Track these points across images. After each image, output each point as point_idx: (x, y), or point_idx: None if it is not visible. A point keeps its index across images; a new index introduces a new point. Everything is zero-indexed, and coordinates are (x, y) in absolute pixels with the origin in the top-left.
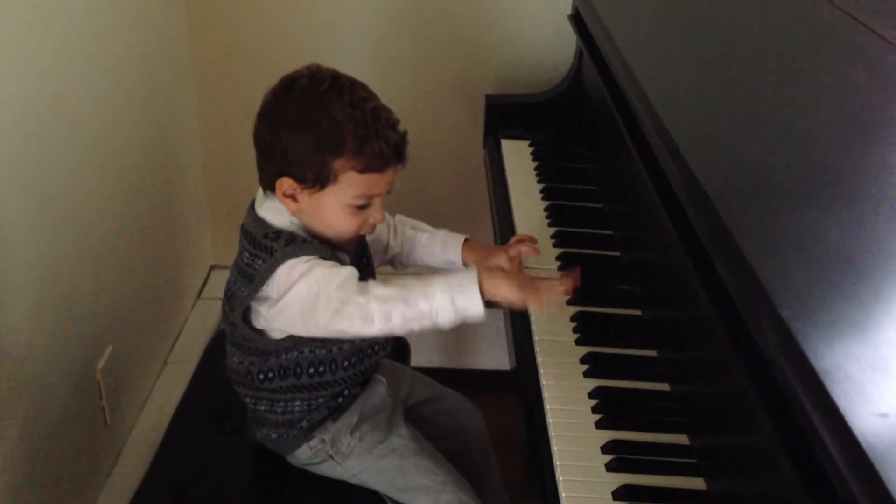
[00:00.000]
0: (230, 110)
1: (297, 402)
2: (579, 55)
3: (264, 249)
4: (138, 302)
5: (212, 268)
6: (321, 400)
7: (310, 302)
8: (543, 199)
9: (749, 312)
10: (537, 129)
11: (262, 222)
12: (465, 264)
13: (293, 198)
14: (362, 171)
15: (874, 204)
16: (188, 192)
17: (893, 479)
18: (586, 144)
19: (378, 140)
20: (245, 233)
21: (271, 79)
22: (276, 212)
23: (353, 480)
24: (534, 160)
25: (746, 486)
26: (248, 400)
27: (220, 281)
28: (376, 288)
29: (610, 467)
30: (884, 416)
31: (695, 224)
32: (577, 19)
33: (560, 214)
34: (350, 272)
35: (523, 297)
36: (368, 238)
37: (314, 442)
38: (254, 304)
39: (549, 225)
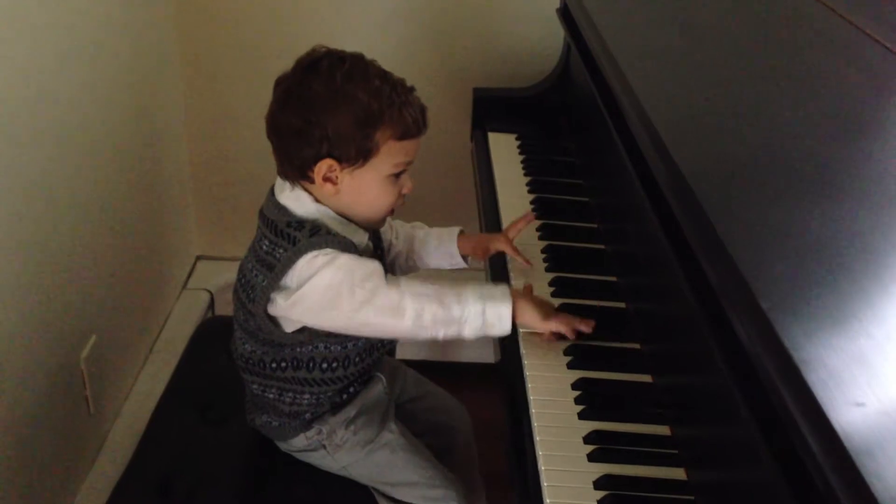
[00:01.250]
0: (216, 100)
1: (307, 395)
2: (567, 49)
3: (287, 238)
4: (123, 291)
5: (197, 258)
6: (329, 394)
7: (332, 291)
8: (530, 192)
9: (730, 304)
10: (524, 122)
11: (285, 210)
12: (464, 256)
13: (332, 181)
14: (401, 138)
15: (855, 197)
16: (174, 181)
17: (870, 469)
18: (573, 138)
19: (409, 106)
20: (265, 220)
21: (257, 70)
22: (297, 199)
23: (341, 472)
24: (521, 153)
25: (726, 476)
26: (255, 387)
27: (205, 271)
28: (409, 284)
29: (592, 457)
30: (861, 406)
31: (678, 217)
32: (564, 13)
33: (546, 207)
34: (378, 265)
35: (548, 327)
36: None
37: (311, 432)
38: (274, 295)
39: (536, 218)
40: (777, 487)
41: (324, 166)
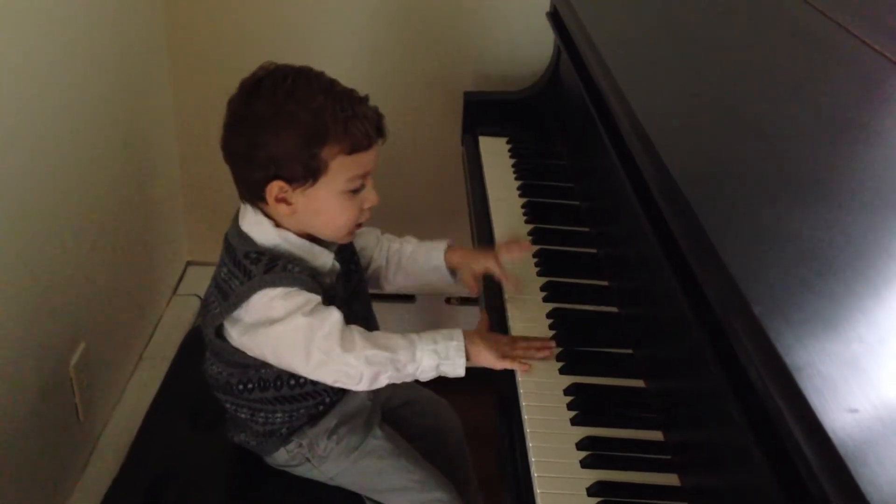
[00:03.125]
0: (207, 105)
1: (279, 414)
2: (557, 53)
3: (242, 270)
4: (113, 298)
5: (188, 264)
6: (302, 410)
7: (286, 349)
8: (521, 195)
9: (722, 309)
10: (515, 126)
11: (246, 238)
12: (452, 270)
13: (285, 201)
14: (350, 152)
15: (847, 201)
16: (164, 187)
17: (864, 475)
18: (564, 142)
19: (358, 119)
20: (227, 246)
21: (249, 72)
22: (258, 225)
23: (331, 482)
24: (511, 157)
25: (719, 482)
26: (228, 405)
27: (195, 277)
28: (364, 348)
29: (585, 464)
30: (854, 412)
31: (669, 221)
32: (554, 17)
33: (537, 211)
34: (335, 321)
35: (503, 365)
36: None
37: (291, 446)
38: (226, 324)
39: (527, 222)
40: (770, 493)
41: (274, 188)
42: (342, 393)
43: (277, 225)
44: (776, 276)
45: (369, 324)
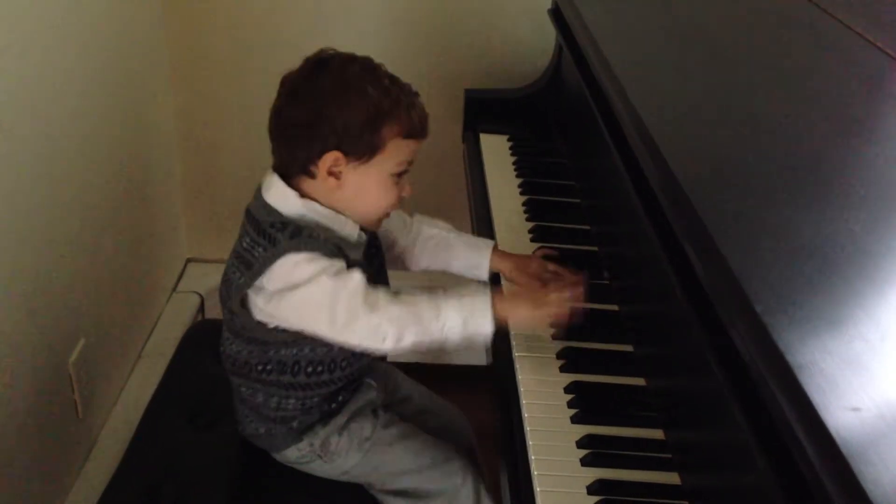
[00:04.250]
0: (206, 103)
1: (292, 400)
2: (558, 50)
3: (267, 238)
4: (112, 294)
5: (187, 261)
6: (315, 400)
7: (311, 310)
8: (521, 193)
9: (723, 307)
10: (516, 123)
11: (271, 209)
12: (494, 272)
13: (336, 175)
14: (407, 136)
15: (849, 199)
16: (164, 184)
17: (866, 474)
18: (565, 139)
19: (415, 107)
20: (250, 217)
21: (248, 72)
22: (283, 197)
23: (343, 478)
24: (512, 155)
25: (720, 480)
26: (243, 389)
27: (195, 274)
28: (388, 306)
29: (585, 462)
30: (856, 410)
31: (671, 219)
32: (556, 14)
33: (538, 209)
34: (358, 281)
35: (542, 315)
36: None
37: (303, 444)
38: (250, 294)
39: (528, 220)
40: (772, 492)
41: (329, 158)
42: (354, 387)
43: (303, 195)
44: (778, 274)
45: None
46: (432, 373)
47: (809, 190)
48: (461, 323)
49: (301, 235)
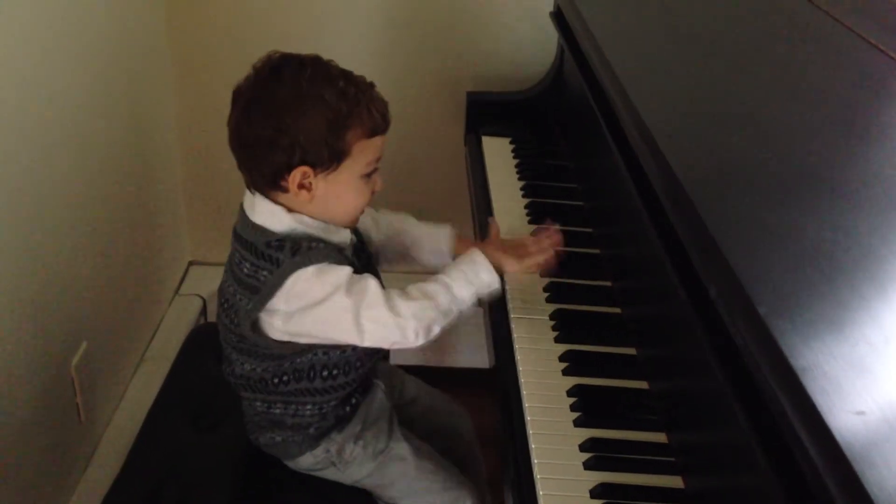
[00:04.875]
0: (208, 104)
1: (309, 406)
2: (560, 52)
3: (268, 260)
4: (115, 297)
5: (190, 263)
6: (332, 404)
7: (337, 325)
8: (524, 196)
9: (727, 310)
10: (518, 126)
11: (261, 229)
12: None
13: (307, 188)
14: (370, 135)
15: (852, 201)
16: (166, 186)
17: (870, 478)
18: (567, 142)
19: (375, 102)
20: (241, 241)
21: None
22: (271, 214)
23: (356, 485)
24: (515, 157)
25: (723, 484)
26: (258, 404)
27: (198, 277)
28: (408, 304)
29: (588, 465)
30: (861, 413)
31: (673, 221)
32: (558, 16)
33: (540, 212)
34: (374, 289)
35: (526, 265)
36: None
37: (318, 451)
38: (262, 317)
39: (530, 222)
40: (775, 496)
41: (298, 174)
42: (364, 387)
43: (290, 210)
44: (781, 277)
45: None
46: (434, 375)
47: (813, 192)
48: (473, 293)
49: (302, 249)
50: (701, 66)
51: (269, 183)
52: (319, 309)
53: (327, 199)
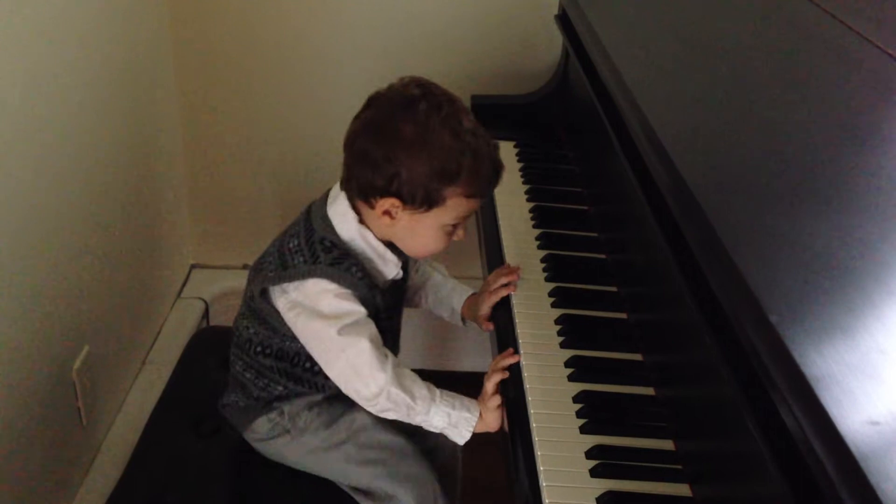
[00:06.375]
0: (213, 108)
1: (280, 387)
2: (565, 56)
3: (311, 251)
4: (117, 301)
5: (192, 267)
6: (304, 390)
7: (316, 344)
8: (528, 200)
9: (737, 317)
10: (523, 129)
11: (328, 223)
12: (464, 319)
13: (390, 215)
14: (470, 196)
15: (862, 206)
16: (169, 189)
17: (886, 490)
18: (572, 146)
19: (487, 164)
20: (307, 221)
21: (254, 77)
22: (343, 216)
23: (305, 462)
24: (519, 161)
25: (732, 493)
26: (238, 363)
27: (200, 280)
28: (391, 383)
29: (594, 473)
30: (875, 424)
31: (682, 227)
32: (563, 19)
33: (545, 216)
34: (366, 347)
35: (497, 421)
36: None
37: (273, 414)
38: (274, 289)
39: (535, 227)
40: None
41: (387, 202)
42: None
43: (361, 221)
44: (793, 284)
45: (397, 336)
46: (438, 379)
47: (823, 198)
48: (442, 428)
49: (342, 265)
50: (709, 70)
51: (359, 194)
52: (315, 324)
53: (405, 232)
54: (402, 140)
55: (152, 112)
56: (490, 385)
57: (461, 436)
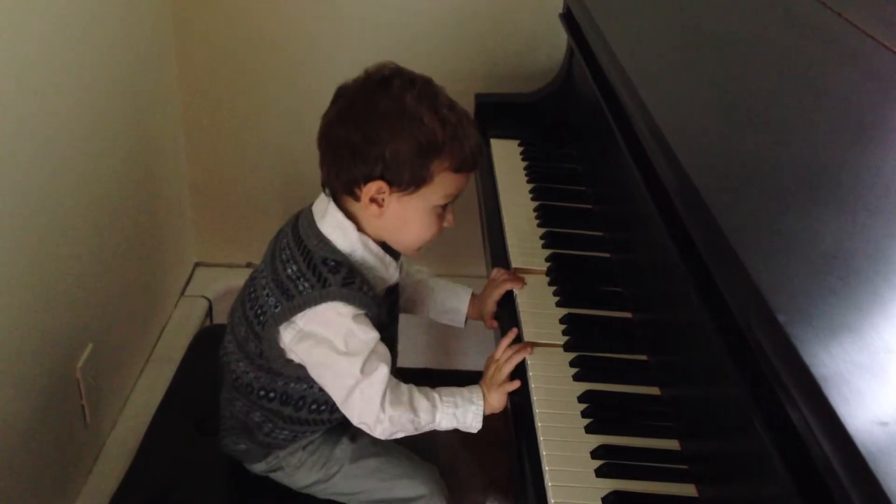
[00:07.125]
0: (215, 107)
1: (286, 432)
2: (570, 54)
3: (317, 275)
4: (120, 299)
5: (196, 265)
6: (308, 436)
7: (330, 380)
8: (533, 199)
9: (744, 317)
10: (527, 128)
11: (325, 241)
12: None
13: (378, 203)
14: (457, 170)
15: (871, 205)
16: (172, 187)
17: (894, 490)
18: (577, 144)
19: (470, 139)
20: (299, 243)
21: (256, 76)
22: (339, 228)
23: (306, 491)
24: (523, 160)
25: (738, 493)
26: (239, 404)
27: (203, 278)
28: (396, 408)
29: (600, 473)
30: (884, 424)
31: (688, 225)
32: (567, 18)
33: (550, 215)
34: (382, 378)
35: (504, 399)
36: None
37: (270, 458)
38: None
39: (539, 225)
40: None
41: (373, 187)
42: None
43: (360, 229)
44: (800, 283)
45: (394, 345)
46: (443, 378)
47: (830, 196)
48: (452, 427)
49: (353, 285)
50: (715, 67)
51: (343, 187)
52: (331, 354)
53: (395, 220)
54: (380, 117)
55: (155, 111)
56: (505, 373)
57: (472, 427)
